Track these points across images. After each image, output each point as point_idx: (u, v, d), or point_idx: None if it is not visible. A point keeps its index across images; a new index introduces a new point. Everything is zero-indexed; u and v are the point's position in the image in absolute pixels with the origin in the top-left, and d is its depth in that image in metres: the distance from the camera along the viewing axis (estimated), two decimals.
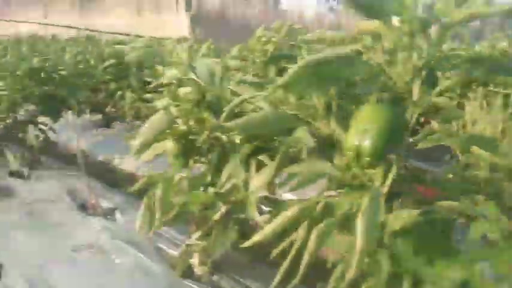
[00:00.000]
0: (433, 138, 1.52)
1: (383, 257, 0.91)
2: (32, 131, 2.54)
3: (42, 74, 2.51)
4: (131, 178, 2.82)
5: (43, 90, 2.53)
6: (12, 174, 2.58)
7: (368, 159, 0.82)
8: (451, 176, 1.04)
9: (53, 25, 11.51)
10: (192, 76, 1.10)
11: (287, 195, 1.50)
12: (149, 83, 3.02)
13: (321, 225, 0.86)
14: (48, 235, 1.79)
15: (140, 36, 3.67)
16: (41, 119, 2.70)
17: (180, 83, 1.30)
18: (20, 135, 2.57)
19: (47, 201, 2.14)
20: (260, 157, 1.36)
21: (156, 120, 1.20)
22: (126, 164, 3.07)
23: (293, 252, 0.85)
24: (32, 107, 2.63)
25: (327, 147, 1.10)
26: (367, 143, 0.80)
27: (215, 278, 1.43)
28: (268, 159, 1.38)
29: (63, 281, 1.44)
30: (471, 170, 1.16)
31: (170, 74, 1.29)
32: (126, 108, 3.42)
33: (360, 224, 0.74)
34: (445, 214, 0.90)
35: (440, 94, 2.43)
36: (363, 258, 0.75)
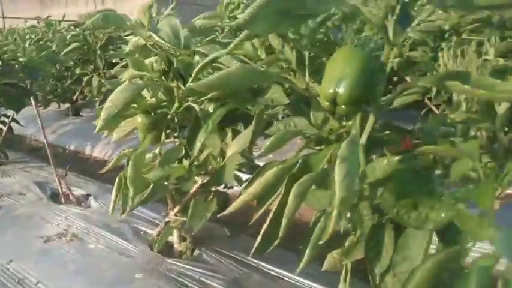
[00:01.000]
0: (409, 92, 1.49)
1: (364, 208, 0.88)
2: None
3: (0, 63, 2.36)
4: (104, 165, 2.73)
5: (2, 80, 2.38)
6: None
7: (344, 107, 0.78)
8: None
9: (11, 17, 11.02)
10: (156, 38, 1.02)
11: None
12: (116, 64, 2.91)
13: (299, 182, 0.82)
14: (18, 228, 1.70)
15: None
16: (3, 111, 2.56)
17: (144, 51, 1.22)
18: None
19: (15, 195, 2.03)
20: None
21: (119, 93, 1.12)
22: (98, 151, 2.97)
23: (271, 215, 0.80)
24: None
25: (303, 103, 1.05)
26: (342, 90, 0.76)
27: (196, 253, 1.39)
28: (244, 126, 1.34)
29: (34, 273, 1.37)
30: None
31: (133, 41, 1.20)
32: (95, 92, 3.29)
33: (338, 172, 0.70)
34: (426, 159, 0.88)
35: (413, 48, 2.40)
36: (343, 210, 0.71)
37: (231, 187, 1.43)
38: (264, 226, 0.83)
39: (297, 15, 0.62)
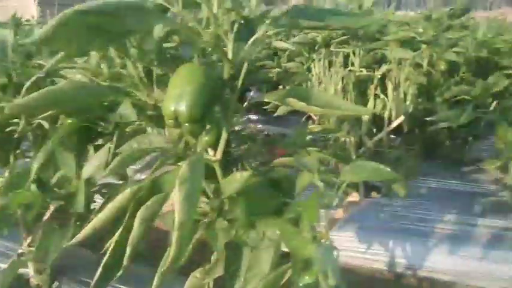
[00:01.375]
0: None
1: (219, 226, 0.86)
2: None
3: None
4: None
5: None
6: None
7: (188, 125, 0.76)
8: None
9: None
10: None
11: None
12: None
13: (147, 204, 0.77)
14: None
15: None
16: None
17: None
18: None
19: None
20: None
21: None
22: None
23: (114, 243, 0.74)
24: None
25: (157, 119, 1.01)
26: (182, 108, 0.73)
27: (55, 285, 1.25)
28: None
29: None
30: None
31: None
32: None
33: (177, 195, 0.66)
34: (283, 171, 0.90)
35: (290, 60, 2.51)
36: (184, 233, 0.68)
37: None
38: (106, 256, 0.77)
39: (113, 32, 0.57)
